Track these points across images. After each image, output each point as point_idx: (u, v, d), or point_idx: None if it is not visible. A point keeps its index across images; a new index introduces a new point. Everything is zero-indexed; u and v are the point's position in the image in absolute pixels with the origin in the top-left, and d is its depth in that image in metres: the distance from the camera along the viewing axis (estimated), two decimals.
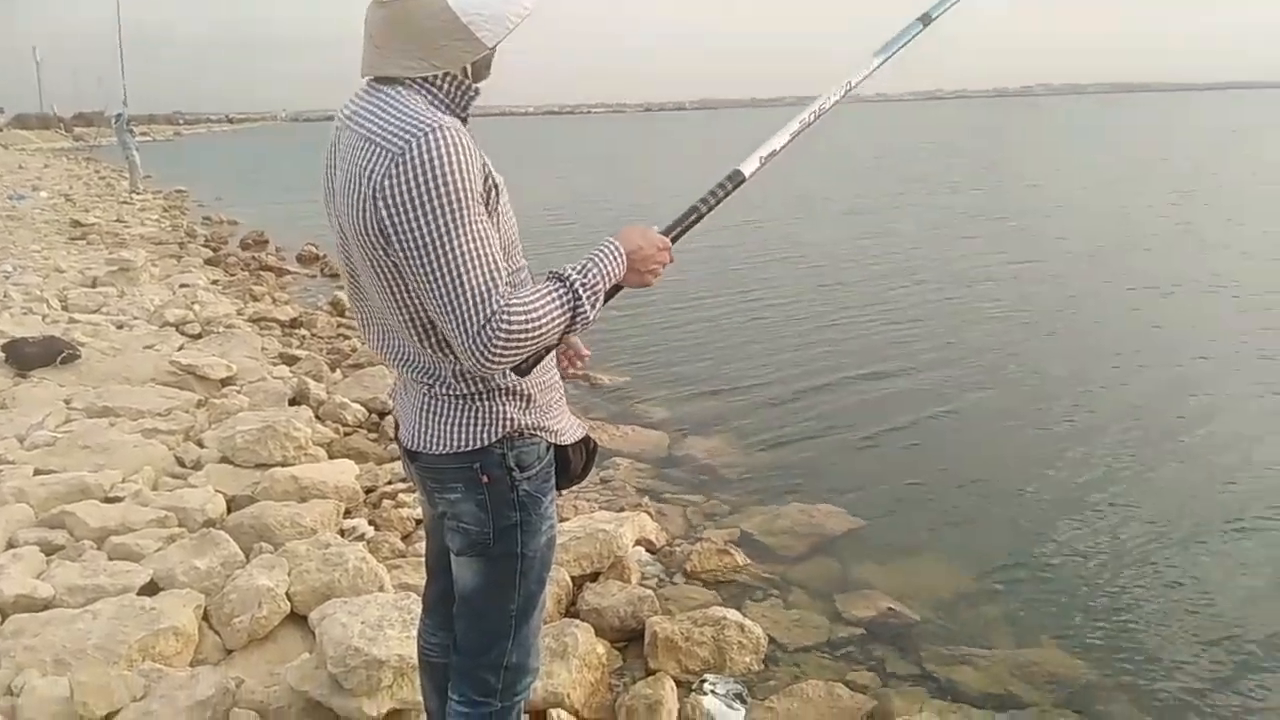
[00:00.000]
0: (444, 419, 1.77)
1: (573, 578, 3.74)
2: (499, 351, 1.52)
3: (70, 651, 2.83)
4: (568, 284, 1.58)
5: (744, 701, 3.11)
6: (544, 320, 1.54)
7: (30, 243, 12.71)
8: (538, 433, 1.81)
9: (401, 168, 1.50)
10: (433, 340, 1.69)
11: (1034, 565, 4.17)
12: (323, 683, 2.57)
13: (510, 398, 1.76)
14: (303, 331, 8.52)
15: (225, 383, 6.11)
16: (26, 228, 14.64)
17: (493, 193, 1.63)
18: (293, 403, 5.75)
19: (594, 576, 3.83)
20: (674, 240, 1.80)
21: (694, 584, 3.98)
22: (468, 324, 1.52)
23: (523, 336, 1.52)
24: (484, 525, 1.81)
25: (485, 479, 1.77)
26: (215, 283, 10.83)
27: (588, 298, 1.59)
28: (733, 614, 3.47)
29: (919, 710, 3.04)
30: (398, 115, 1.56)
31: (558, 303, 1.56)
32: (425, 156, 1.50)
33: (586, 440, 1.97)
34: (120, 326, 7.64)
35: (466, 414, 1.75)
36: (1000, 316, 8.96)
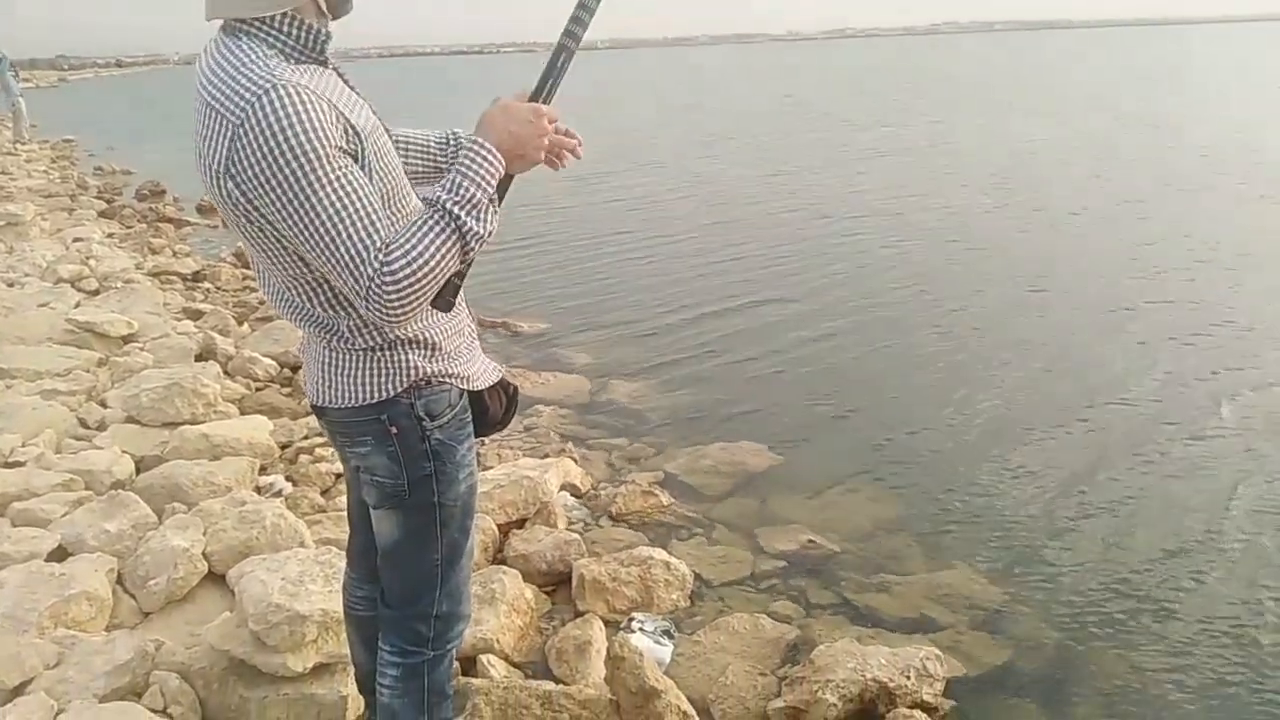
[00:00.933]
0: (345, 373, 1.72)
1: (499, 525, 3.74)
2: (395, 304, 1.47)
3: None
4: (441, 209, 1.51)
5: (671, 637, 3.18)
6: (430, 256, 1.48)
7: None
8: (446, 379, 1.76)
9: (243, 140, 1.44)
10: (322, 298, 1.65)
11: (948, 492, 4.32)
12: (245, 641, 2.52)
13: (413, 347, 1.71)
14: (206, 285, 8.22)
15: (127, 340, 5.87)
16: None
17: (359, 141, 1.53)
18: (199, 358, 5.56)
19: (520, 523, 3.84)
20: (546, 100, 1.65)
21: (620, 526, 4.02)
22: (356, 286, 1.48)
23: (413, 281, 1.47)
24: (397, 477, 1.78)
25: (394, 430, 1.74)
26: (111, 236, 10.35)
27: (469, 214, 1.51)
28: (659, 553, 3.53)
29: (840, 637, 3.13)
30: (235, 76, 1.47)
31: (438, 233, 1.49)
32: (264, 123, 1.42)
33: (505, 384, 1.94)
34: (11, 285, 7.25)
35: (368, 366, 1.70)
36: (907, 248, 9.16)
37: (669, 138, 20.86)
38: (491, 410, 1.91)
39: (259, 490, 3.94)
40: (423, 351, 1.72)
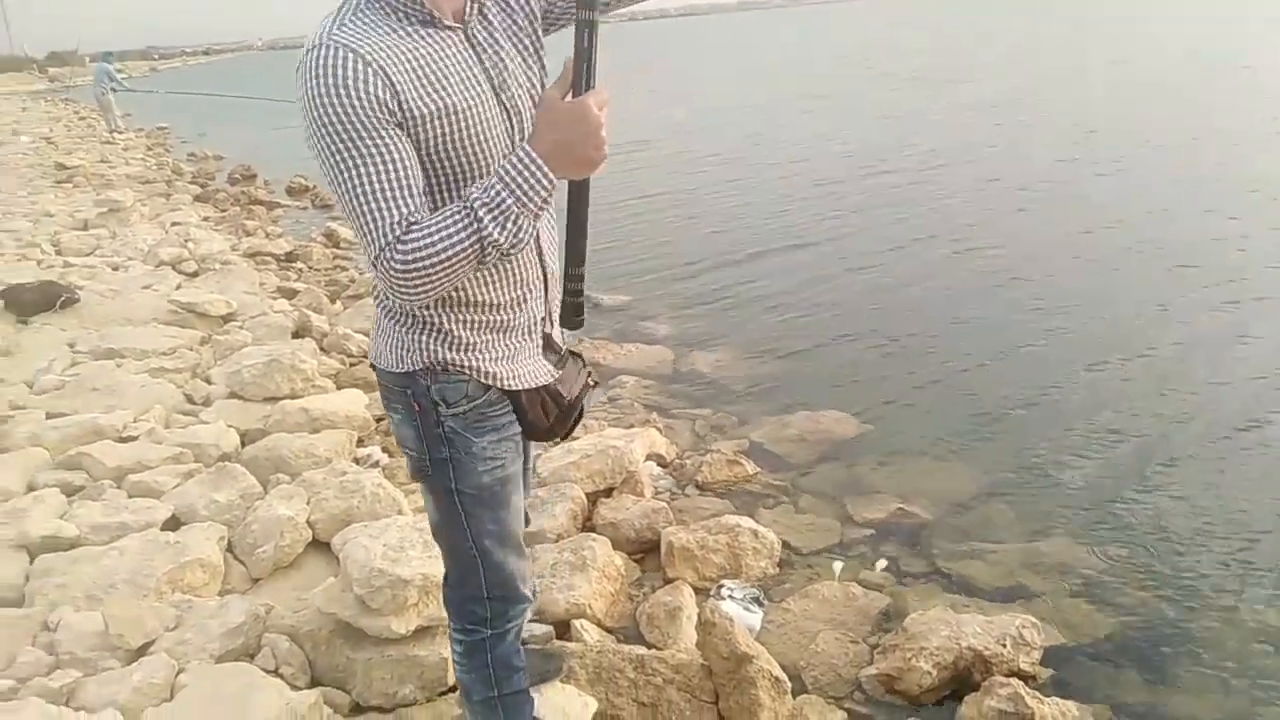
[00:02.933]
0: (383, 336, 1.76)
1: (587, 494, 3.79)
2: (399, 283, 1.46)
3: (100, 587, 2.89)
4: (469, 207, 1.45)
5: (761, 604, 3.19)
6: (443, 247, 1.44)
7: (16, 188, 12.55)
8: (464, 370, 1.71)
9: (298, 94, 1.47)
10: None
11: (1040, 460, 4.22)
12: (350, 604, 2.62)
13: (428, 330, 1.69)
14: (299, 265, 8.48)
15: (226, 319, 6.11)
16: (10, 173, 14.44)
17: (414, 119, 1.50)
18: (295, 336, 5.75)
19: (608, 492, 3.89)
20: (588, 87, 1.47)
21: (706, 495, 4.04)
22: (369, 250, 1.48)
23: (421, 264, 1.44)
24: (421, 453, 1.78)
25: (416, 407, 1.74)
26: (206, 219, 10.74)
27: (492, 219, 1.44)
28: (746, 521, 3.53)
29: (933, 605, 3.11)
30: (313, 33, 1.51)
31: (457, 228, 1.44)
32: (306, 81, 1.45)
33: (554, 393, 1.83)
34: (116, 268, 7.60)
35: (396, 335, 1.72)
36: (1003, 214, 8.85)
37: (737, 102, 20.63)
38: (532, 416, 1.81)
39: (357, 461, 4.06)
40: (438, 336, 1.69)
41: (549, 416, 1.84)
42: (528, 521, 2.07)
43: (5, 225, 9.37)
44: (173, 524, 3.39)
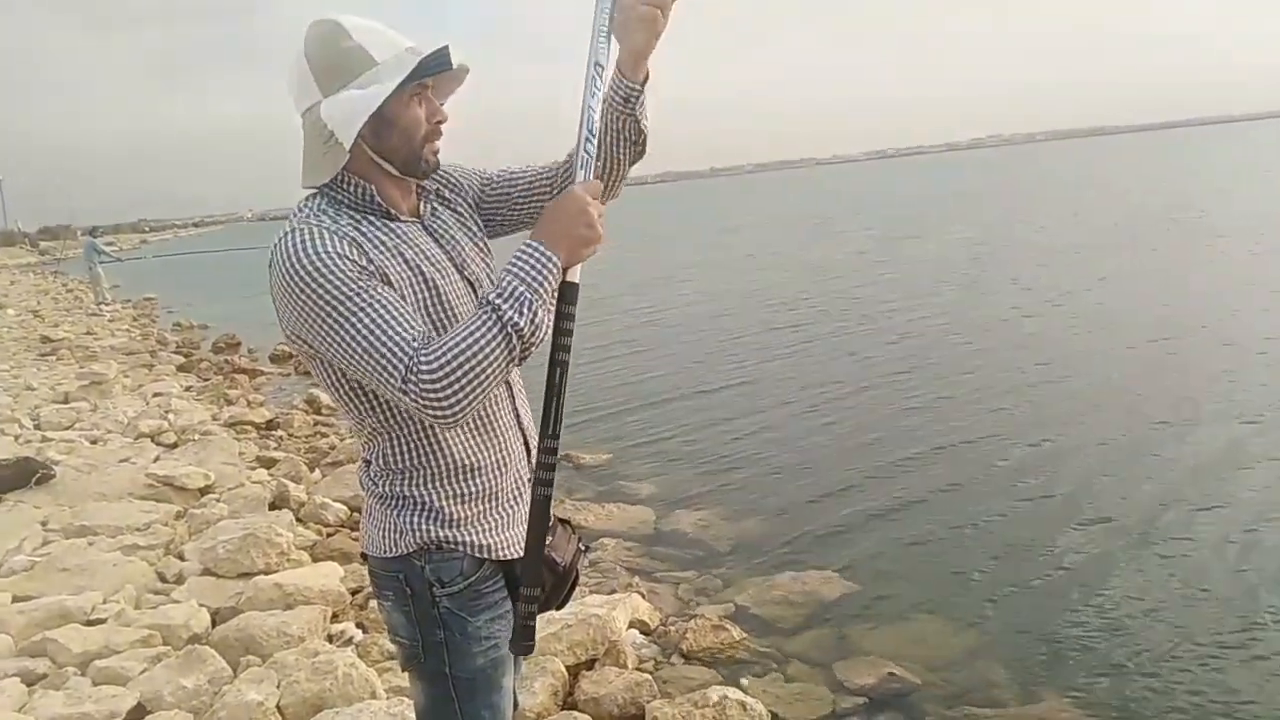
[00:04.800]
0: (373, 521, 1.74)
1: (568, 667, 3.68)
2: (436, 397, 1.46)
3: None
4: (484, 302, 1.52)
5: None
6: (469, 344, 1.47)
7: None
8: (457, 545, 1.70)
9: (273, 275, 1.55)
10: (366, 423, 1.69)
11: (1033, 619, 4.15)
12: None
13: (420, 511, 1.69)
14: (280, 433, 8.46)
15: (204, 491, 6.04)
16: None
17: (389, 282, 1.58)
18: (273, 507, 5.69)
19: (589, 664, 3.78)
20: (588, 180, 1.61)
21: (692, 663, 3.93)
22: (393, 378, 1.48)
23: (452, 372, 1.46)
24: (414, 638, 1.74)
25: (409, 591, 1.71)
26: (189, 389, 10.77)
27: (511, 306, 1.50)
28: (734, 692, 3.43)
29: None
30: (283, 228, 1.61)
31: (480, 324, 1.49)
32: (282, 254, 1.53)
33: (549, 561, 1.76)
34: (94, 441, 7.56)
35: (387, 518, 1.71)
36: (994, 378, 8.75)
37: (718, 257, 21.25)
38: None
39: (330, 639, 3.95)
40: (429, 515, 1.69)
41: (545, 586, 1.77)
42: (516, 704, 2.00)
43: None
44: (138, 713, 3.25)
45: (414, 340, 1.49)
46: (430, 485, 1.69)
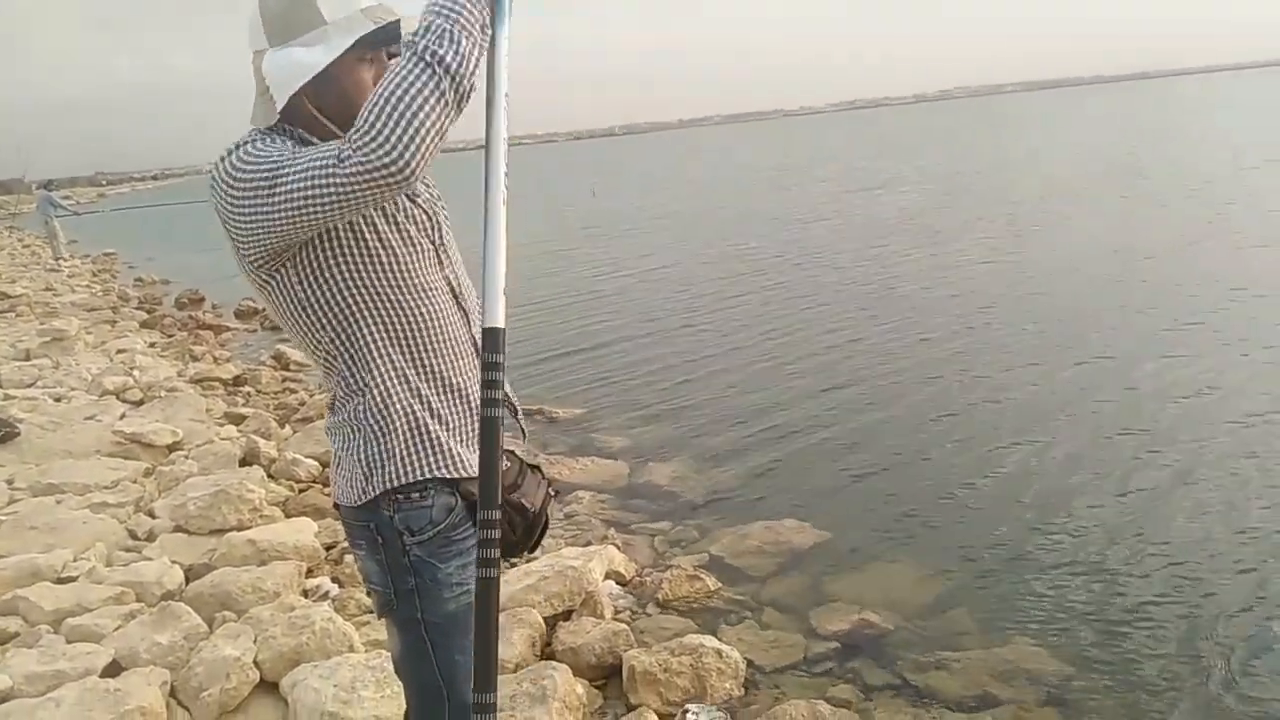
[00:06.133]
0: (341, 471, 1.74)
1: (545, 618, 3.71)
2: (375, 152, 1.40)
3: None
4: (407, 45, 1.44)
5: None
6: (391, 91, 1.40)
7: None
8: (426, 483, 1.69)
9: (215, 193, 1.57)
10: (334, 362, 1.69)
11: (1001, 563, 4.24)
12: None
13: (379, 439, 1.68)
14: (247, 389, 8.37)
15: (172, 448, 5.98)
16: None
17: None
18: (243, 463, 5.64)
19: (566, 615, 3.81)
20: None
21: (668, 613, 3.98)
22: (331, 172, 1.45)
23: (382, 120, 1.39)
24: (386, 586, 1.75)
25: (380, 540, 1.72)
26: (153, 345, 10.61)
27: (430, 40, 1.42)
28: (709, 640, 3.47)
29: (901, 719, 3.06)
30: None
31: (401, 67, 1.42)
32: (218, 172, 1.56)
33: (518, 506, 1.82)
34: (58, 399, 7.44)
35: (354, 464, 1.70)
36: (947, 316, 9.05)
37: (688, 213, 21.17)
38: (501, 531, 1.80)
39: (306, 594, 3.95)
40: (389, 440, 1.68)
41: (515, 530, 1.82)
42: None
43: None
44: (113, 669, 3.23)
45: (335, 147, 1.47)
46: (387, 404, 1.68)
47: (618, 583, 4.23)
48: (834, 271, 12.17)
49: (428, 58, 1.41)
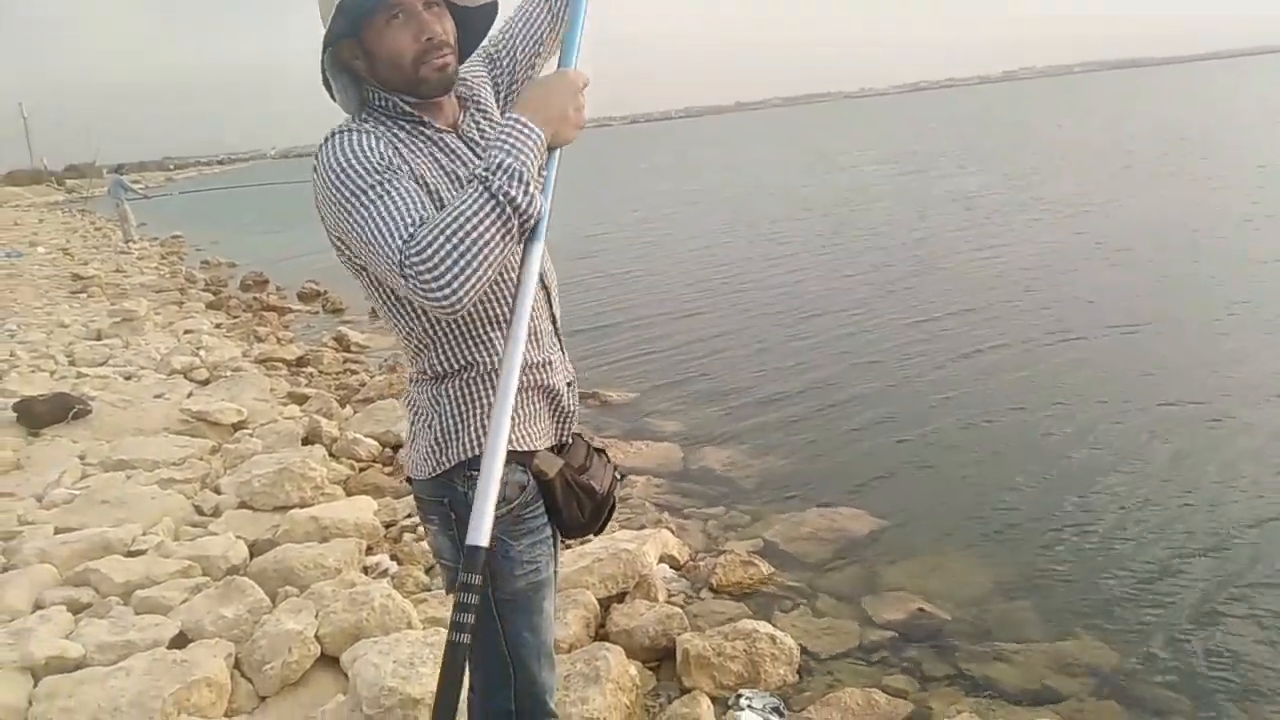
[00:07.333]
0: (416, 445, 1.76)
1: (599, 600, 3.73)
2: (431, 277, 1.43)
3: (106, 710, 2.83)
4: (473, 179, 1.50)
5: (781, 714, 3.10)
6: (460, 220, 1.45)
7: (32, 299, 12.77)
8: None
9: (315, 177, 1.61)
10: (407, 332, 1.73)
11: (1062, 555, 4.15)
12: None
13: (460, 418, 1.71)
14: (310, 369, 8.53)
15: (237, 427, 6.12)
16: (27, 284, 14.71)
17: (423, 182, 1.63)
18: (305, 442, 5.76)
19: (620, 597, 3.82)
20: (574, 62, 1.72)
21: (721, 598, 3.97)
22: (389, 261, 1.48)
23: (446, 250, 1.43)
24: (457, 562, 1.71)
25: (453, 516, 1.73)
26: (219, 326, 10.87)
27: (499, 179, 1.48)
28: (763, 626, 3.46)
29: (957, 711, 3.02)
30: None
31: (469, 197, 1.47)
32: (323, 157, 1.59)
33: (587, 488, 1.84)
34: (128, 378, 7.66)
35: (430, 437, 1.73)
36: (1015, 303, 8.82)
37: (740, 196, 21.02)
38: (567, 514, 1.82)
39: (366, 571, 4.02)
40: (468, 420, 1.71)
41: (584, 512, 1.85)
42: None
43: (20, 337, 9.49)
44: (180, 641, 3.33)
45: (411, 224, 1.48)
46: (476, 383, 1.71)
47: (671, 566, 4.24)
48: (896, 251, 12.01)
49: (500, 197, 1.47)
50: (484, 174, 1.49)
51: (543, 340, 1.79)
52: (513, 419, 1.71)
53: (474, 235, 1.44)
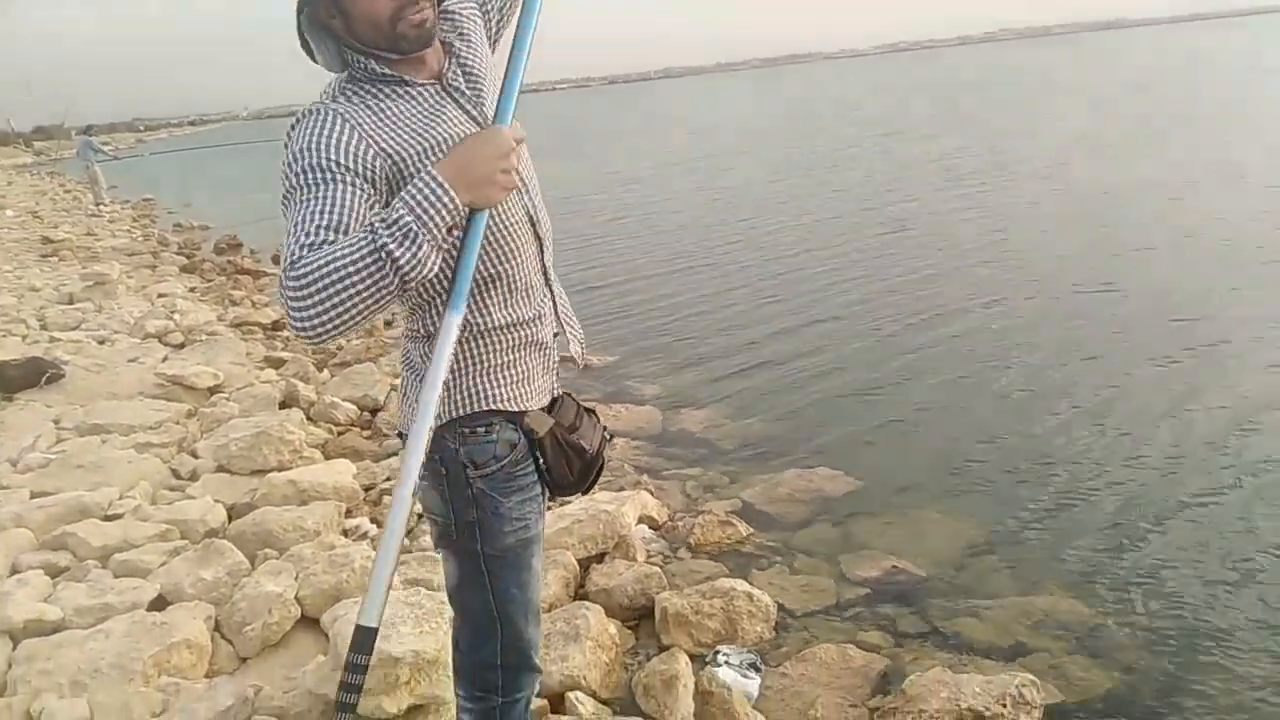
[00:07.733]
0: (408, 401, 1.77)
1: (579, 560, 3.76)
2: (291, 302, 1.41)
3: (85, 672, 2.83)
4: (369, 225, 1.44)
5: (758, 670, 3.15)
6: (338, 265, 1.39)
7: (1, 263, 12.56)
8: (491, 416, 1.73)
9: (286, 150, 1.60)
10: (411, 299, 1.73)
11: (1034, 513, 4.22)
12: None
13: (461, 368, 1.72)
14: (285, 333, 8.47)
15: (213, 391, 6.08)
16: None
17: (403, 158, 1.59)
18: (282, 406, 5.73)
19: (600, 557, 3.86)
20: (507, 118, 1.59)
21: (699, 557, 4.02)
22: (283, 259, 1.45)
23: (314, 285, 1.39)
24: (447, 517, 1.79)
25: (444, 471, 1.75)
26: (193, 290, 10.75)
27: (390, 235, 1.40)
28: (740, 584, 3.51)
29: (931, 665, 3.07)
30: None
31: (356, 246, 1.40)
32: (291, 136, 1.58)
33: (577, 447, 1.86)
34: (102, 342, 7.58)
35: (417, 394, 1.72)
36: (987, 264, 8.94)
37: (724, 158, 20.93)
38: (556, 472, 1.83)
39: (345, 533, 4.03)
40: (461, 376, 1.73)
41: (573, 471, 1.86)
42: None
43: None
44: (159, 604, 3.34)
45: (316, 243, 1.43)
46: (470, 342, 1.72)
47: (650, 527, 4.27)
48: (871, 214, 12.03)
49: (382, 253, 1.40)
50: (378, 225, 1.43)
51: (533, 295, 1.79)
52: (504, 378, 1.76)
53: (346, 281, 1.40)
